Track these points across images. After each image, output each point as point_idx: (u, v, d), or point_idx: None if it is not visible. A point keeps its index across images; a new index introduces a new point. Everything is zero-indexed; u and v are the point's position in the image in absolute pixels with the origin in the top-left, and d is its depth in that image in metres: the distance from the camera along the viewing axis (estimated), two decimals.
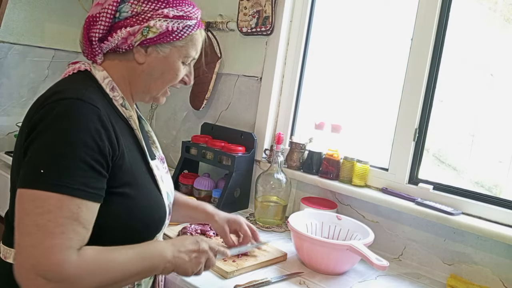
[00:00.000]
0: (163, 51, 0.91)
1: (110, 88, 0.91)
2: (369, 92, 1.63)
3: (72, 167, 0.75)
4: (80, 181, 0.75)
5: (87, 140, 0.76)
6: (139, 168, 0.91)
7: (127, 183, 0.85)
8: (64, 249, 0.72)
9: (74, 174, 0.75)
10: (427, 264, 1.36)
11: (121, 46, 0.90)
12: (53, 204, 0.73)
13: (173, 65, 0.93)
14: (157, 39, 0.89)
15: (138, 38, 0.88)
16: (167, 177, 1.05)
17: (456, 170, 1.45)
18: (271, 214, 1.56)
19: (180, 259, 0.89)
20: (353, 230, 1.33)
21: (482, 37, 1.39)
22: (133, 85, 0.94)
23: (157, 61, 0.92)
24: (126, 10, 0.88)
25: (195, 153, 1.81)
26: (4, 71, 2.10)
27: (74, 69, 0.91)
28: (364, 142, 1.62)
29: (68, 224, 0.74)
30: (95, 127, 0.78)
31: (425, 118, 1.43)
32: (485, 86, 1.37)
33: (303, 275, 1.18)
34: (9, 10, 1.99)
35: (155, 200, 0.93)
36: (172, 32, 0.90)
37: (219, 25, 1.89)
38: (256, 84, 1.82)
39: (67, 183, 0.74)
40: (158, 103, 1.01)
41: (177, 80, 0.96)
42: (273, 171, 1.55)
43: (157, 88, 0.95)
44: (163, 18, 0.89)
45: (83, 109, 0.78)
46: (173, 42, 0.91)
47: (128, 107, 0.93)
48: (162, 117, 2.23)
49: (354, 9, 1.68)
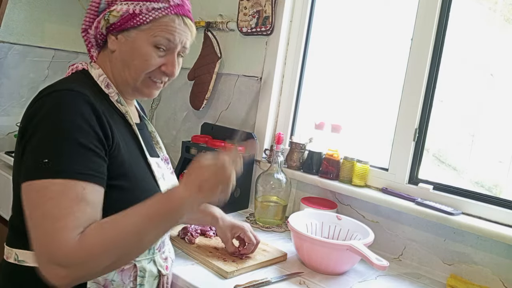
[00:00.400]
0: (130, 36, 0.89)
1: (105, 85, 0.92)
2: (369, 92, 1.63)
3: (71, 151, 0.75)
4: (81, 165, 0.75)
5: (81, 125, 0.77)
6: (137, 161, 0.90)
7: (123, 175, 0.85)
8: (69, 230, 0.71)
9: (75, 159, 0.75)
10: (427, 264, 1.36)
11: (96, 36, 0.92)
12: (57, 190, 0.73)
13: (141, 50, 0.89)
14: (121, 24, 0.88)
15: (102, 24, 0.89)
16: (172, 177, 1.05)
17: (456, 170, 1.45)
18: (271, 214, 1.56)
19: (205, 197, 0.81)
20: (353, 230, 1.33)
21: (482, 37, 1.39)
22: (115, 77, 0.94)
23: (126, 46, 0.90)
24: (103, 1, 0.90)
25: (195, 153, 1.81)
26: (4, 71, 2.10)
27: (72, 69, 0.93)
28: (364, 142, 1.62)
29: (74, 205, 0.73)
30: (87, 111, 0.79)
31: (425, 118, 1.43)
32: (485, 86, 1.37)
33: (303, 275, 1.18)
34: (9, 10, 1.99)
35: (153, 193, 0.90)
36: (136, 15, 0.87)
37: (219, 25, 1.89)
38: (256, 84, 1.82)
39: (68, 168, 0.74)
40: (144, 96, 0.96)
41: (150, 67, 0.91)
42: (273, 171, 1.55)
43: (132, 76, 0.92)
44: (124, 1, 0.88)
45: (72, 97, 0.79)
46: (139, 26, 0.88)
47: (124, 103, 0.93)
48: (162, 117, 2.23)
49: (354, 9, 1.68)
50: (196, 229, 1.33)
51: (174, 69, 0.94)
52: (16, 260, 0.83)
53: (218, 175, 0.81)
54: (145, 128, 1.05)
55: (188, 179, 0.81)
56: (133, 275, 0.89)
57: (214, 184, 0.81)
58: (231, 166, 0.83)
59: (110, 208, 0.81)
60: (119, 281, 0.87)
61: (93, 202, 0.76)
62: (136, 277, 0.90)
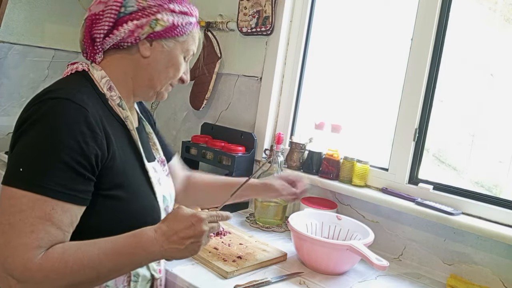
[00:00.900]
0: (168, 45, 0.92)
1: (107, 87, 0.90)
2: (369, 92, 1.63)
3: (50, 167, 0.75)
4: (57, 182, 0.75)
5: (70, 142, 0.76)
6: (133, 169, 0.90)
7: (118, 185, 0.85)
8: (30, 248, 0.72)
9: (52, 175, 0.74)
10: (427, 264, 1.36)
11: (126, 39, 0.89)
12: (26, 203, 0.73)
13: (176, 60, 0.95)
14: (164, 33, 0.90)
15: (146, 31, 0.89)
16: (167, 180, 1.04)
17: (456, 170, 1.45)
18: (271, 214, 1.56)
19: (173, 249, 0.81)
20: (353, 230, 1.33)
21: (482, 37, 1.39)
22: (136, 80, 0.94)
23: (162, 54, 0.93)
24: (132, 5, 0.88)
25: (195, 153, 1.81)
26: (4, 71, 2.10)
27: (72, 70, 0.91)
28: (364, 142, 1.62)
29: (40, 224, 0.73)
30: (80, 129, 0.77)
31: (425, 118, 1.43)
32: (485, 86, 1.37)
33: (303, 275, 1.18)
34: (9, 10, 1.99)
35: (149, 203, 0.91)
36: (176, 26, 0.91)
37: (219, 25, 1.89)
38: (256, 84, 1.82)
39: (42, 183, 0.74)
40: (161, 99, 1.01)
41: (179, 75, 0.98)
42: (273, 171, 1.55)
43: (161, 82, 0.96)
44: (169, 12, 0.90)
45: (69, 110, 0.78)
46: (177, 37, 0.93)
47: (125, 107, 0.92)
48: (162, 117, 2.23)
49: (354, 9, 1.68)
50: None
51: (188, 76, 1.02)
52: None
53: (190, 230, 0.82)
54: (143, 131, 1.04)
55: (161, 226, 0.82)
56: (126, 280, 0.90)
57: (184, 238, 0.81)
58: (206, 226, 0.84)
59: (106, 218, 0.83)
60: (112, 286, 0.88)
61: (60, 222, 0.75)
62: (130, 282, 0.90)
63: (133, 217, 0.87)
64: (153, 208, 0.92)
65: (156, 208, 0.93)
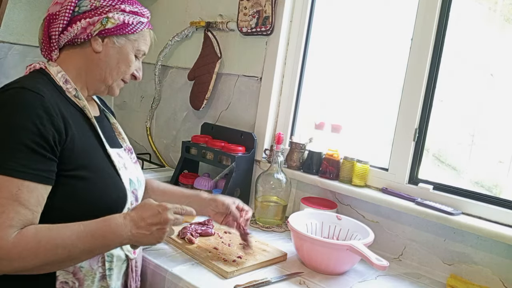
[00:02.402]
0: (119, 42, 1.00)
1: (63, 81, 0.97)
2: (369, 92, 1.63)
3: (12, 149, 0.80)
4: (20, 163, 0.80)
5: (27, 124, 0.81)
6: (96, 153, 0.96)
7: (81, 166, 0.90)
8: (3, 228, 0.76)
9: (14, 156, 0.80)
10: (427, 264, 1.36)
11: (79, 36, 0.97)
12: None
13: (127, 56, 1.02)
14: (114, 30, 0.98)
15: (97, 27, 0.96)
16: (134, 166, 1.10)
17: (456, 170, 1.45)
18: (271, 214, 1.56)
19: (140, 234, 0.89)
20: (353, 230, 1.33)
21: (482, 37, 1.39)
22: (89, 74, 1.01)
23: (113, 50, 1.00)
24: (85, 5, 0.96)
25: (195, 153, 1.81)
26: (4, 71, 2.10)
27: (30, 69, 1.00)
28: (364, 142, 1.62)
29: (8, 204, 0.78)
30: (37, 112, 0.83)
31: (425, 118, 1.43)
32: (485, 86, 1.37)
33: (303, 275, 1.18)
34: (9, 10, 1.99)
35: (113, 182, 0.96)
36: (127, 25, 0.99)
37: (219, 25, 1.89)
38: (256, 84, 1.82)
39: (5, 165, 0.79)
40: (112, 94, 1.07)
41: (130, 72, 1.05)
42: (273, 171, 1.55)
43: (113, 77, 1.03)
44: (120, 11, 0.98)
45: (25, 96, 0.84)
46: (128, 35, 1.01)
47: (82, 97, 0.98)
48: (162, 117, 2.23)
49: (354, 9, 1.68)
50: (196, 229, 1.33)
51: (141, 73, 1.10)
52: None
53: (157, 217, 0.90)
54: (105, 121, 1.11)
55: (129, 213, 0.91)
56: (101, 261, 0.94)
57: (150, 224, 0.89)
58: (172, 215, 0.92)
59: (73, 197, 0.88)
60: (87, 267, 0.92)
61: (27, 202, 0.80)
62: (104, 262, 0.95)
63: (97, 195, 0.91)
64: (118, 187, 0.97)
65: (121, 187, 0.98)
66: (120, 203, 0.97)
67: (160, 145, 2.24)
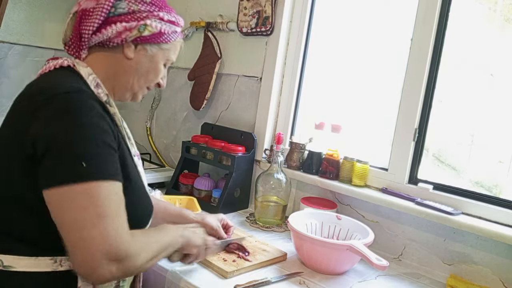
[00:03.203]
0: (152, 50, 0.96)
1: (94, 85, 0.91)
2: (369, 92, 1.63)
3: (104, 153, 0.80)
4: (113, 165, 0.81)
5: (102, 124, 0.81)
6: (129, 162, 0.92)
7: (124, 176, 0.86)
8: (122, 229, 0.79)
9: (108, 160, 0.80)
10: (427, 264, 1.36)
11: (113, 39, 0.91)
12: (104, 192, 0.77)
13: (157, 65, 0.99)
14: (150, 38, 0.94)
15: (133, 34, 0.91)
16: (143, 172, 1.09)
17: (455, 170, 1.45)
18: (271, 214, 1.56)
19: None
20: (353, 230, 1.33)
21: (482, 37, 1.39)
22: (117, 80, 0.97)
23: (144, 58, 0.96)
24: (123, 7, 0.91)
25: (195, 153, 1.81)
26: (4, 71, 2.10)
27: (55, 65, 0.92)
28: (364, 142, 1.62)
29: (121, 205, 0.80)
30: (97, 111, 0.82)
31: (425, 118, 1.43)
32: (485, 86, 1.37)
33: (303, 275, 1.18)
34: (9, 10, 1.99)
35: (144, 194, 0.97)
36: (163, 34, 0.95)
37: (219, 25, 1.89)
38: (256, 84, 1.82)
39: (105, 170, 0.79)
40: (135, 101, 1.05)
41: (157, 80, 1.02)
42: (273, 171, 1.55)
43: (140, 85, 1.00)
44: (158, 19, 0.94)
45: (83, 97, 0.82)
46: (161, 44, 0.97)
47: (112, 104, 0.93)
48: (162, 117, 2.23)
49: (354, 9, 1.68)
50: None
51: (165, 81, 1.07)
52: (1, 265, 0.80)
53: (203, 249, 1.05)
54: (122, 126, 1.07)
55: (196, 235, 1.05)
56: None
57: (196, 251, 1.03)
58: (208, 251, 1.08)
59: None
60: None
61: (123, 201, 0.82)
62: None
63: (138, 206, 0.92)
64: (149, 199, 0.99)
65: (149, 198, 0.99)
66: (148, 218, 0.98)
67: (160, 145, 2.24)
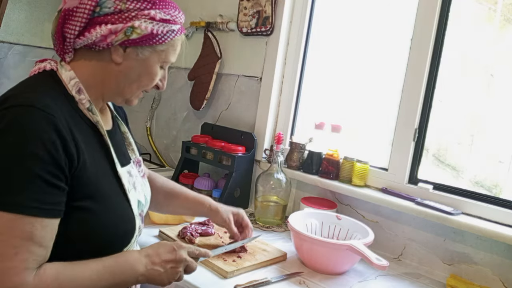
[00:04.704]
0: (143, 53, 0.86)
1: (76, 90, 0.84)
2: (369, 92, 1.63)
3: (24, 183, 0.70)
4: (33, 198, 0.71)
5: (40, 153, 0.71)
6: (105, 178, 0.85)
7: (87, 196, 0.80)
8: (19, 271, 0.69)
9: (27, 191, 0.70)
10: (427, 264, 1.36)
11: (98, 43, 0.83)
12: (4, 224, 0.69)
13: (151, 69, 0.89)
14: (140, 41, 0.84)
15: (119, 38, 0.82)
16: (143, 182, 1.01)
17: (455, 170, 1.45)
18: (271, 214, 1.56)
19: (155, 271, 0.86)
20: (353, 230, 1.33)
21: (482, 37, 1.39)
22: (106, 85, 0.88)
23: (135, 63, 0.87)
24: (109, 6, 0.82)
25: (195, 153, 1.81)
26: (4, 71, 2.10)
27: (39, 68, 0.87)
28: (364, 142, 1.62)
29: (22, 245, 0.70)
30: (49, 137, 0.73)
31: (425, 118, 1.43)
32: (485, 86, 1.37)
33: (303, 275, 1.18)
34: (9, 10, 1.99)
35: (121, 213, 0.87)
36: (155, 35, 0.85)
37: (219, 25, 1.89)
38: (256, 84, 1.83)
39: (18, 202, 0.70)
40: (130, 105, 0.95)
41: (153, 84, 0.92)
42: (273, 171, 1.55)
43: (132, 91, 0.90)
44: (148, 19, 0.84)
45: (36, 118, 0.73)
46: (155, 46, 0.86)
47: (95, 112, 0.86)
48: (162, 117, 2.23)
49: (354, 9, 1.68)
50: (196, 229, 1.33)
51: (165, 83, 0.96)
52: None
53: (172, 254, 0.90)
54: (117, 133, 0.99)
55: (145, 249, 0.90)
56: None
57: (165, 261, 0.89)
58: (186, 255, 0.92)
59: (74, 230, 0.79)
60: None
61: (42, 239, 0.72)
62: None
63: (103, 229, 0.83)
64: (126, 218, 0.89)
65: (131, 217, 0.89)
66: (126, 238, 0.88)
67: (160, 145, 2.24)
